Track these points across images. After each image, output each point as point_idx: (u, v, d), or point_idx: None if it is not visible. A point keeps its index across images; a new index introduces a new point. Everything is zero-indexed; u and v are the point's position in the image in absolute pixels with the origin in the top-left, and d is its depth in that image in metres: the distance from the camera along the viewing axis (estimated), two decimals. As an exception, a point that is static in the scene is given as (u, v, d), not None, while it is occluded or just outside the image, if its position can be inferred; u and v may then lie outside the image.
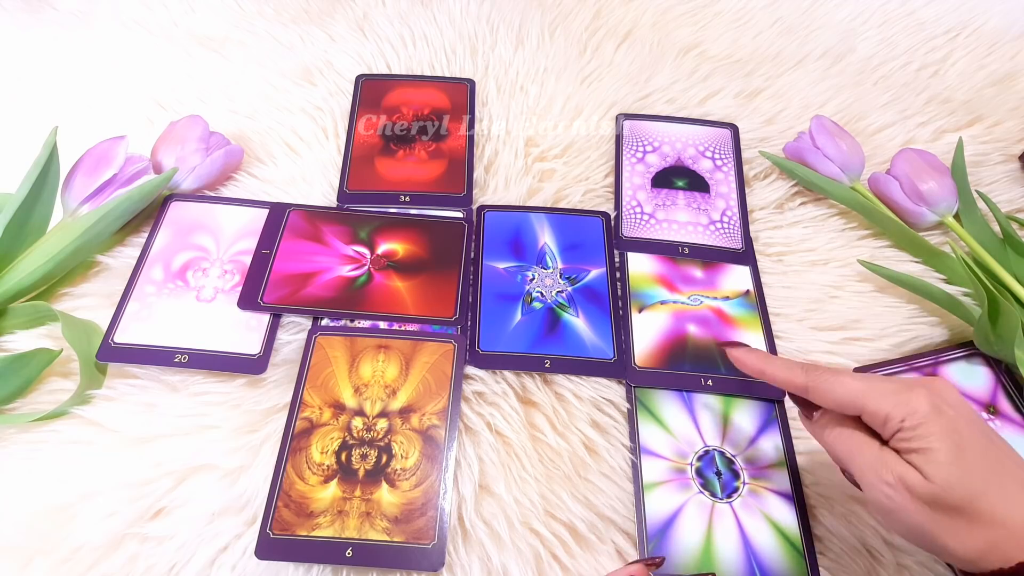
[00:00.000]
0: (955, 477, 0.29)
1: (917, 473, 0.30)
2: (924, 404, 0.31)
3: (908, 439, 0.30)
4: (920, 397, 0.31)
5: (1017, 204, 0.57)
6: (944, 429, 0.30)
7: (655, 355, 0.47)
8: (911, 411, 0.31)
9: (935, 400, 0.31)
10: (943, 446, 0.30)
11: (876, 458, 0.31)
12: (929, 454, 0.30)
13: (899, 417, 0.31)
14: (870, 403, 0.32)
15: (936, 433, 0.30)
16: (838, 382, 0.33)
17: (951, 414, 0.31)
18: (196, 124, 0.54)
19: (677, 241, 0.53)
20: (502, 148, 0.58)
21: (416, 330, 0.48)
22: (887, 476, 0.31)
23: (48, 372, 0.45)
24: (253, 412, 0.44)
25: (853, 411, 0.33)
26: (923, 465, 0.30)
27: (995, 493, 0.29)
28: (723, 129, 0.60)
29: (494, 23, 0.68)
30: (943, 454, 0.29)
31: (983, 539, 0.29)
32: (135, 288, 0.48)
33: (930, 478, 0.29)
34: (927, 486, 0.29)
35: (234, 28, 0.67)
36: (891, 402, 0.31)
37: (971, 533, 0.29)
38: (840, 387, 0.33)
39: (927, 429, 0.30)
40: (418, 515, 0.40)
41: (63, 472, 0.41)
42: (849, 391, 0.32)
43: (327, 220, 0.53)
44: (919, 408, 0.31)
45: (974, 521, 0.29)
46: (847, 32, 0.69)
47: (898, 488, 0.30)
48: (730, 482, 0.42)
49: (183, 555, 0.39)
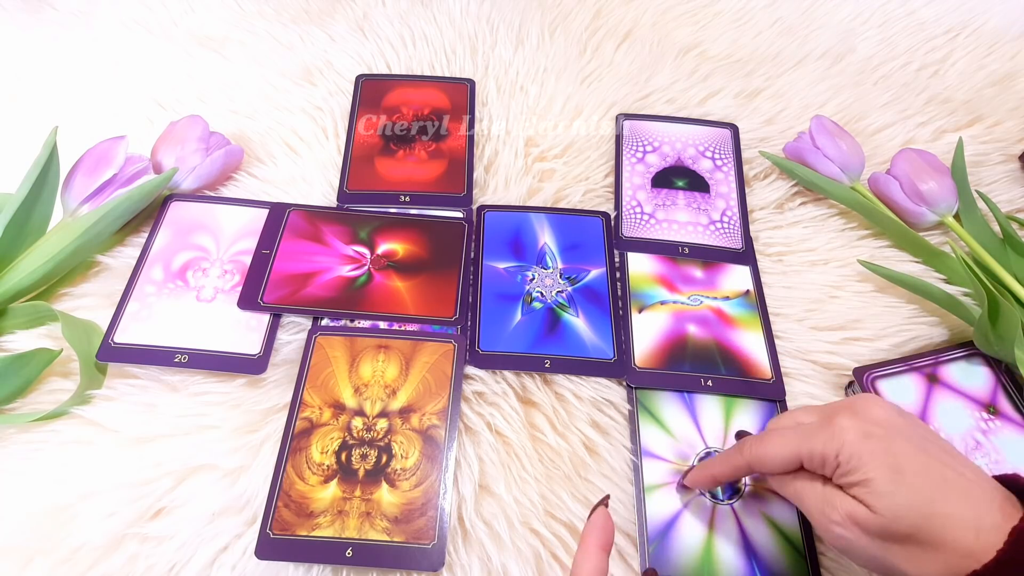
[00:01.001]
0: (899, 504, 0.29)
1: (863, 507, 0.30)
2: (851, 433, 0.30)
3: (848, 472, 0.30)
4: (846, 427, 0.31)
5: (1017, 204, 0.57)
6: (878, 454, 0.30)
7: (655, 355, 0.47)
8: (840, 444, 0.30)
9: (861, 425, 0.31)
10: (880, 474, 0.29)
11: (821, 498, 0.31)
12: (869, 484, 0.29)
13: (833, 453, 0.30)
14: (803, 450, 0.32)
15: (870, 462, 0.30)
16: (769, 450, 0.33)
17: (880, 434, 0.30)
18: (196, 124, 0.54)
19: (677, 241, 0.53)
20: (502, 148, 0.58)
21: (416, 330, 0.48)
22: (834, 515, 0.30)
23: (48, 372, 0.45)
24: (253, 412, 0.44)
25: (794, 464, 0.33)
26: (866, 497, 0.29)
27: (942, 514, 0.28)
28: (723, 129, 0.60)
29: (494, 23, 0.68)
30: (882, 483, 0.29)
31: (938, 561, 0.28)
32: (135, 288, 0.48)
33: (876, 510, 0.29)
34: (874, 519, 0.29)
35: (234, 28, 0.67)
36: (820, 441, 0.31)
37: (925, 557, 0.29)
38: (771, 449, 0.33)
39: (861, 459, 0.30)
40: (418, 515, 0.40)
41: (63, 472, 0.41)
42: (781, 452, 0.33)
43: (327, 220, 0.53)
44: (847, 439, 0.30)
45: (926, 546, 0.29)
46: (847, 32, 0.69)
47: (847, 525, 0.30)
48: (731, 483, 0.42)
49: (183, 555, 0.39)
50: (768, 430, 0.35)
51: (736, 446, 0.36)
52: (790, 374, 0.47)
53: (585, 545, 0.30)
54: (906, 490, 0.29)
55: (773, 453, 0.33)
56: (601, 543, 0.30)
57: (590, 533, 0.30)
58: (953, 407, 0.43)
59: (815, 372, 0.47)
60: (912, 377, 0.45)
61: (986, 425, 0.43)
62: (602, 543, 0.30)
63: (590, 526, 0.31)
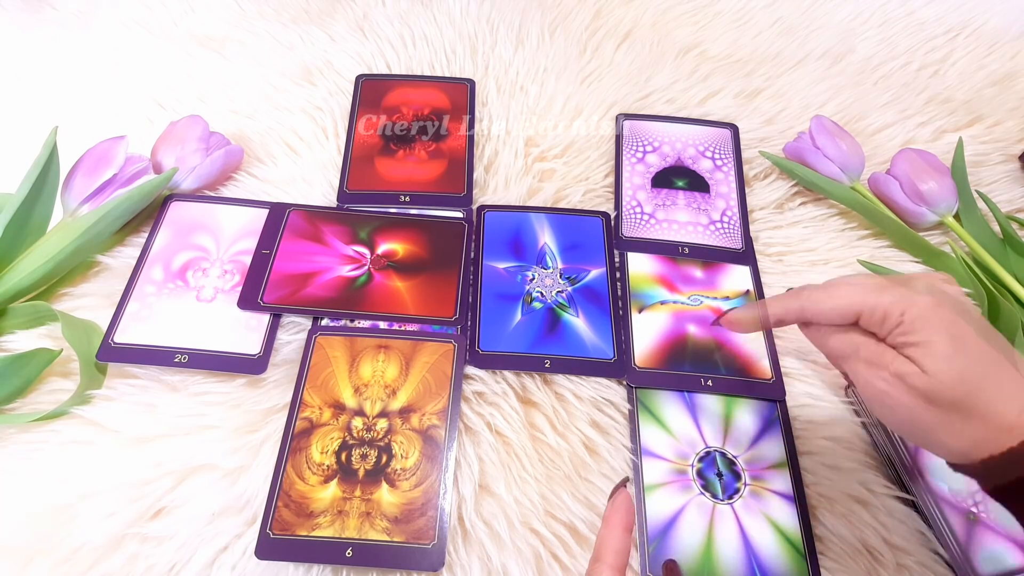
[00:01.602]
0: (953, 372, 0.29)
1: (915, 367, 0.30)
2: (924, 297, 0.30)
3: (906, 332, 0.30)
4: (921, 290, 0.31)
5: (1017, 204, 0.57)
6: (944, 322, 0.30)
7: (655, 355, 0.47)
8: (910, 304, 0.30)
9: (936, 293, 0.31)
10: (942, 340, 0.29)
11: (874, 353, 0.31)
12: (928, 347, 0.29)
13: (898, 311, 0.30)
14: (868, 302, 0.31)
15: (936, 326, 0.29)
16: (831, 294, 0.33)
17: (950, 306, 0.30)
18: (196, 124, 0.54)
19: (677, 241, 0.53)
20: (502, 148, 0.58)
21: (416, 330, 0.48)
22: (883, 371, 0.30)
23: (48, 372, 0.45)
24: (253, 412, 0.44)
25: (851, 317, 0.32)
26: (921, 359, 0.29)
27: (991, 389, 0.29)
28: (723, 129, 0.60)
29: (494, 23, 0.68)
30: (942, 347, 0.29)
31: (976, 434, 0.29)
32: (135, 288, 0.48)
33: (928, 372, 0.29)
34: (924, 380, 0.29)
35: (234, 28, 0.67)
36: (889, 297, 0.31)
37: (965, 427, 0.29)
38: (834, 298, 0.33)
39: (927, 322, 0.30)
40: (418, 515, 0.40)
41: (63, 472, 0.41)
42: (844, 298, 0.32)
43: (327, 220, 0.53)
44: (919, 301, 0.30)
45: (969, 416, 0.29)
46: (847, 32, 0.69)
47: (894, 383, 0.30)
48: (731, 483, 0.42)
49: (183, 555, 0.39)
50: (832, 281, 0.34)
51: (792, 290, 0.35)
52: (790, 374, 0.47)
53: (609, 524, 0.30)
54: (963, 359, 0.29)
55: (836, 299, 0.32)
56: (624, 523, 0.30)
57: (613, 513, 0.31)
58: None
59: (815, 372, 0.47)
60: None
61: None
62: (625, 524, 0.30)
63: (613, 507, 0.31)
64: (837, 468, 0.43)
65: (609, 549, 0.29)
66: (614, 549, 0.29)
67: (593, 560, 0.29)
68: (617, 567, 0.29)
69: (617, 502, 0.31)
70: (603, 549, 0.30)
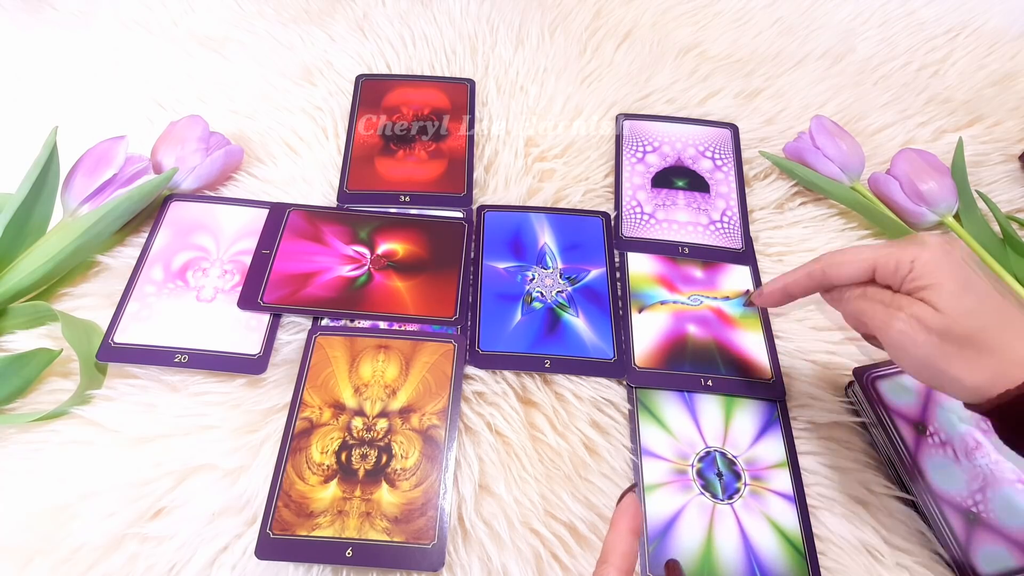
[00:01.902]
0: (964, 307, 0.31)
1: (929, 307, 0.32)
2: (933, 247, 0.33)
3: (919, 277, 0.33)
4: (930, 241, 0.33)
5: (1017, 204, 0.57)
6: (953, 267, 0.32)
7: (655, 355, 0.47)
8: (920, 252, 0.33)
9: (944, 245, 0.33)
10: (951, 280, 0.32)
11: (890, 301, 0.34)
12: (939, 288, 0.32)
13: (909, 259, 0.33)
14: (880, 256, 0.34)
15: (945, 270, 0.32)
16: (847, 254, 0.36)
17: (959, 256, 0.33)
18: (196, 124, 0.54)
19: (677, 241, 0.53)
20: (502, 148, 0.58)
21: (416, 330, 0.48)
22: (900, 314, 0.33)
23: (48, 372, 0.45)
24: (253, 412, 0.44)
25: (868, 272, 0.35)
26: (933, 299, 0.32)
27: (1002, 326, 0.31)
28: (723, 129, 0.60)
29: (494, 23, 0.68)
30: (951, 286, 0.32)
31: (990, 368, 0.31)
32: (135, 288, 0.48)
33: (941, 309, 0.32)
34: (938, 317, 0.32)
35: (234, 28, 0.67)
36: (900, 248, 0.34)
37: (979, 362, 0.31)
38: (851, 255, 0.36)
39: (936, 267, 0.32)
40: (418, 515, 0.40)
41: (63, 472, 0.41)
42: (860, 255, 0.35)
43: (327, 220, 0.53)
44: (928, 248, 0.33)
45: (982, 350, 0.31)
46: (847, 32, 0.69)
47: (910, 323, 0.32)
48: (731, 483, 0.42)
49: (183, 555, 0.39)
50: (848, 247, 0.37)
51: (813, 260, 0.38)
52: (790, 374, 0.47)
53: (617, 528, 0.30)
54: (972, 296, 0.32)
55: (851, 258, 0.36)
56: (632, 527, 0.31)
57: (621, 516, 0.31)
58: (953, 407, 0.43)
59: (815, 372, 0.47)
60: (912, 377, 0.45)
61: (986, 425, 0.43)
62: (633, 527, 0.31)
63: (621, 510, 0.31)
64: (837, 468, 0.43)
65: (616, 552, 0.29)
66: (621, 552, 0.29)
67: (600, 562, 0.29)
68: (624, 570, 0.29)
69: (624, 505, 0.31)
70: (610, 552, 0.30)
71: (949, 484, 0.41)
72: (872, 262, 0.35)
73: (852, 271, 0.36)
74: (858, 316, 0.36)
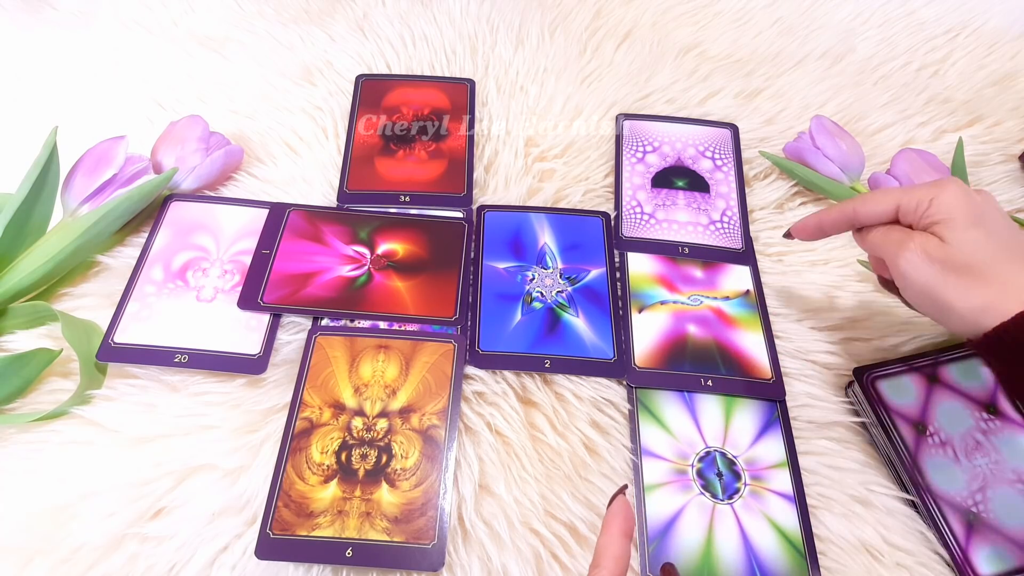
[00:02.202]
0: (968, 240, 0.34)
1: (936, 239, 0.35)
2: (954, 187, 0.35)
3: (933, 214, 0.35)
4: (951, 183, 0.36)
5: (1017, 204, 0.57)
6: (967, 206, 0.35)
7: (655, 355, 0.47)
8: (940, 192, 0.35)
9: (966, 188, 0.35)
10: (962, 216, 0.34)
11: (904, 234, 0.36)
12: (949, 222, 0.34)
13: (928, 197, 0.35)
14: (904, 195, 0.37)
15: (959, 208, 0.34)
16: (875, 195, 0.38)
17: (979, 200, 0.35)
18: (196, 124, 0.54)
19: (677, 241, 0.53)
20: (502, 148, 0.58)
21: (416, 330, 0.48)
22: (909, 244, 0.35)
23: (48, 372, 0.45)
24: (253, 412, 0.44)
25: (892, 213, 0.37)
26: (942, 232, 0.34)
27: (1005, 261, 0.33)
28: (723, 129, 0.60)
29: (494, 23, 0.68)
30: (961, 221, 0.34)
31: (985, 296, 0.33)
32: (135, 288, 0.48)
33: (946, 240, 0.34)
34: (941, 247, 0.34)
35: (234, 28, 0.67)
36: (923, 188, 0.36)
37: (974, 290, 0.33)
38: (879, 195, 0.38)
39: (952, 205, 0.35)
40: (418, 515, 0.40)
41: (63, 472, 0.41)
42: (886, 194, 0.38)
43: (327, 220, 0.53)
44: (949, 189, 0.35)
45: (979, 279, 0.33)
46: (847, 32, 0.69)
47: (916, 250, 0.35)
48: (731, 483, 0.42)
49: (183, 555, 0.39)
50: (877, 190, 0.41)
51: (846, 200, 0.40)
52: (790, 374, 0.47)
53: (609, 531, 0.30)
54: (981, 231, 0.34)
55: (880, 198, 0.38)
56: (623, 529, 0.30)
57: (612, 519, 0.31)
58: (953, 407, 0.43)
59: (815, 372, 0.47)
60: (912, 377, 0.45)
61: (986, 425, 0.43)
62: (624, 529, 0.30)
63: (612, 513, 0.31)
64: (837, 468, 0.43)
65: (608, 555, 0.29)
66: (613, 555, 0.29)
67: (593, 566, 0.29)
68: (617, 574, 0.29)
69: (616, 508, 0.31)
70: (602, 555, 0.29)
71: (949, 484, 0.41)
72: (897, 201, 0.37)
73: (879, 209, 0.38)
74: (876, 251, 0.38)
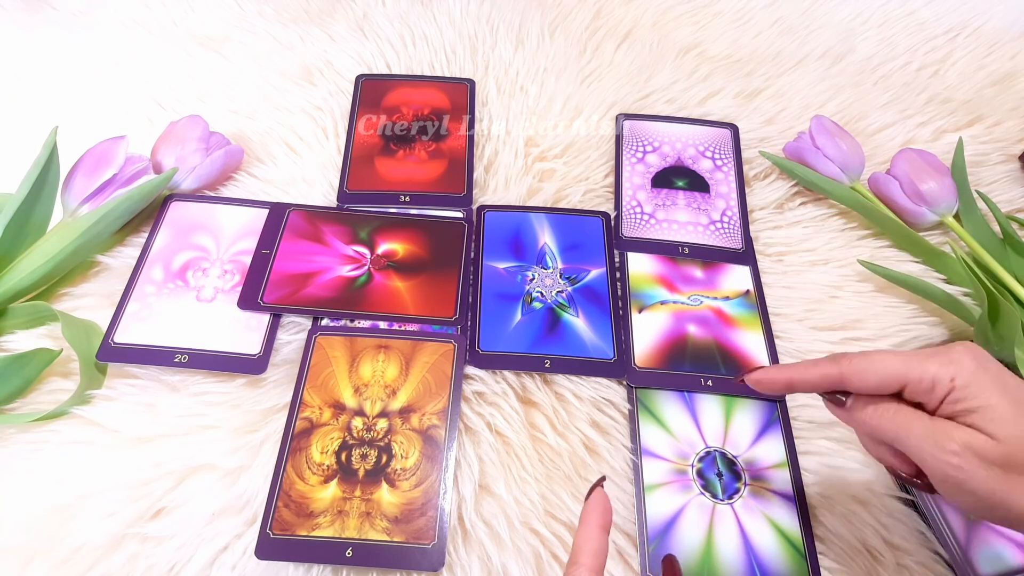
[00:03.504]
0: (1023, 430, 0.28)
1: (982, 435, 0.28)
2: (968, 361, 0.29)
3: (962, 399, 0.29)
4: (963, 355, 0.29)
5: (1017, 204, 0.57)
6: (996, 383, 0.29)
7: (655, 355, 0.47)
8: (959, 369, 0.29)
9: (976, 357, 0.30)
10: (1002, 401, 0.28)
11: (932, 429, 0.29)
12: (989, 411, 0.28)
13: (948, 377, 0.29)
14: (913, 372, 0.30)
15: (991, 388, 0.28)
16: (875, 362, 0.31)
17: (994, 369, 0.29)
18: (196, 124, 0.54)
19: (677, 241, 0.53)
20: (502, 148, 0.58)
21: (416, 330, 0.48)
22: (950, 445, 0.28)
23: (48, 372, 0.45)
24: (253, 412, 0.44)
25: (895, 386, 0.30)
26: (985, 425, 0.28)
27: None
28: (723, 129, 0.60)
29: (494, 23, 0.68)
30: (1004, 409, 0.28)
31: None
32: (135, 288, 0.48)
33: (997, 437, 0.28)
34: (996, 447, 0.28)
35: (234, 28, 0.67)
36: (935, 364, 0.29)
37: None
38: (879, 366, 0.31)
39: (980, 386, 0.29)
40: (418, 515, 0.40)
41: (63, 472, 0.41)
42: (889, 367, 0.30)
43: (327, 220, 0.53)
44: (966, 365, 0.29)
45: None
46: (847, 32, 0.69)
47: (965, 455, 0.28)
48: (731, 483, 0.42)
49: (183, 555, 0.39)
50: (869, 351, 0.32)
51: (829, 357, 0.33)
52: (790, 374, 0.47)
53: (587, 526, 0.30)
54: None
55: (878, 366, 0.30)
56: (601, 523, 0.30)
57: (590, 513, 0.30)
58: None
59: (815, 372, 0.47)
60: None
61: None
62: (602, 523, 0.30)
63: (590, 507, 0.30)
64: (837, 468, 0.43)
65: (587, 551, 0.29)
66: (592, 551, 0.29)
67: (570, 563, 0.29)
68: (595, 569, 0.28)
69: (594, 502, 0.30)
70: (580, 551, 0.29)
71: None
72: (902, 378, 0.30)
73: (876, 382, 0.31)
74: (887, 438, 0.31)
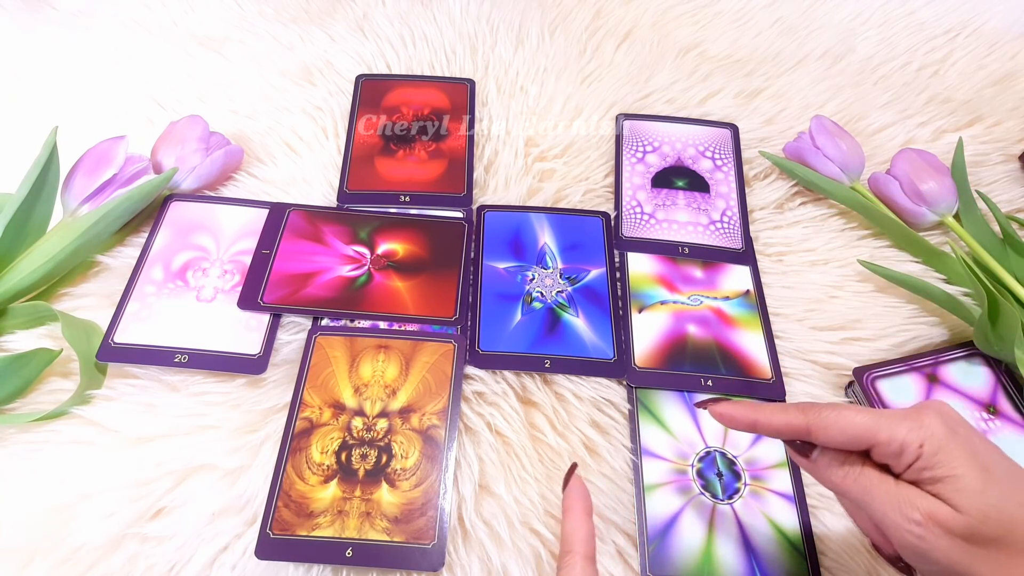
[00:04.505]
0: (989, 505, 0.27)
1: (946, 506, 0.27)
2: (938, 426, 0.28)
3: (929, 467, 0.28)
4: (933, 419, 0.28)
5: (1017, 204, 0.57)
6: (965, 452, 0.28)
7: (655, 355, 0.47)
8: (928, 435, 0.28)
9: (947, 421, 0.28)
10: (970, 471, 0.27)
11: (896, 495, 0.28)
12: (956, 482, 0.27)
13: (916, 443, 0.28)
14: (882, 433, 0.28)
15: (959, 458, 0.27)
16: (843, 417, 0.30)
17: (964, 433, 0.28)
18: (196, 124, 0.54)
19: (677, 241, 0.53)
20: (502, 148, 0.58)
21: (416, 330, 0.48)
22: (913, 514, 0.27)
23: (48, 372, 0.45)
24: (253, 412, 0.44)
25: (862, 445, 0.29)
26: (951, 495, 0.27)
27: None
28: (723, 129, 0.60)
29: (494, 23, 0.68)
30: (971, 480, 0.27)
31: None
32: (135, 288, 0.48)
33: (962, 509, 0.27)
34: (961, 519, 0.27)
35: (234, 28, 0.67)
36: (904, 428, 0.28)
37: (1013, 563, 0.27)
38: (847, 422, 0.29)
39: (948, 454, 0.27)
40: (418, 515, 0.40)
41: (63, 472, 0.41)
42: (857, 425, 0.29)
43: (327, 220, 0.53)
44: (935, 431, 0.28)
45: (1014, 550, 0.27)
46: (847, 32, 0.69)
47: (928, 526, 0.27)
48: (731, 483, 0.42)
49: (183, 555, 0.39)
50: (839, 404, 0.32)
51: (798, 405, 0.32)
52: (790, 374, 0.47)
53: (572, 513, 0.30)
54: (996, 489, 0.27)
55: (846, 423, 0.29)
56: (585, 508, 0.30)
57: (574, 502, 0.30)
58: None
59: (815, 372, 0.47)
60: (912, 377, 0.45)
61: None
62: (587, 508, 0.30)
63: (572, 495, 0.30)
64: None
65: (578, 539, 0.29)
66: (583, 538, 0.29)
67: (563, 553, 0.29)
68: (588, 555, 0.28)
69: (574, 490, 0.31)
70: (571, 540, 0.29)
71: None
72: (871, 438, 0.29)
73: (842, 439, 0.30)
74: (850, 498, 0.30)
